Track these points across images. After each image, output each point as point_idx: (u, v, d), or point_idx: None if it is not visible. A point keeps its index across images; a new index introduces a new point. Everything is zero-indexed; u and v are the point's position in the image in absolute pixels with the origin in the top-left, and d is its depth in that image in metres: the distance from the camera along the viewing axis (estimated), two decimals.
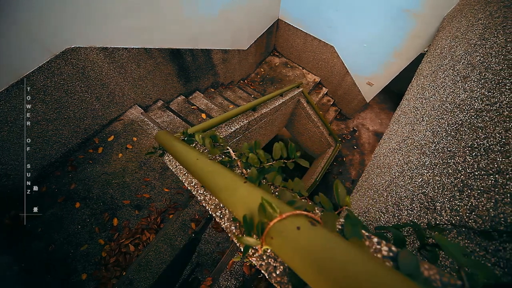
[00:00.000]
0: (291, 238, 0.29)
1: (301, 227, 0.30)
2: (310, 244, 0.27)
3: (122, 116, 2.67)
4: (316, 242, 0.27)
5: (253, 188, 0.42)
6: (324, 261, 0.25)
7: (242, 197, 0.40)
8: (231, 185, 0.44)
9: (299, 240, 0.28)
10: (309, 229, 0.29)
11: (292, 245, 0.29)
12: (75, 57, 1.89)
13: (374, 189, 1.58)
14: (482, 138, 0.95)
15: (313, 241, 0.27)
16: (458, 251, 0.30)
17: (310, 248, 0.27)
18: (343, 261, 0.24)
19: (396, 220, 1.17)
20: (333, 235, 0.28)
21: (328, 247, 0.26)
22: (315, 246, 0.27)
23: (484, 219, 0.73)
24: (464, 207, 0.81)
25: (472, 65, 1.48)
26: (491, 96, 1.09)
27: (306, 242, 0.28)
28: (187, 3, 2.55)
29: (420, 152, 1.33)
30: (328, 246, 0.26)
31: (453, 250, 0.30)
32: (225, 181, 0.46)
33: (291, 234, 0.29)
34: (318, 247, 0.27)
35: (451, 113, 1.32)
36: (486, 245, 0.67)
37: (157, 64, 2.68)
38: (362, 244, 0.36)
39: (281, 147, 0.64)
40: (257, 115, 2.26)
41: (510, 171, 0.74)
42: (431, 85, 1.87)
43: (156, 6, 2.25)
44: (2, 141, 1.73)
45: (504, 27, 1.40)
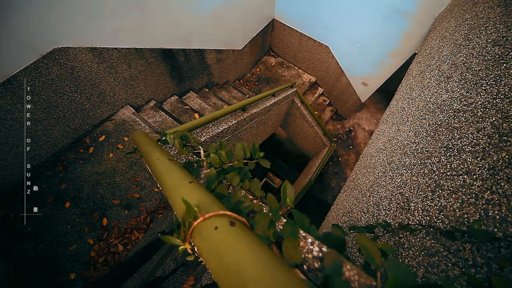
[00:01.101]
0: (207, 238, 0.29)
1: (219, 227, 0.30)
2: (221, 244, 0.28)
3: (113, 116, 2.67)
4: (227, 242, 0.28)
5: (195, 188, 0.42)
6: (229, 264, 0.25)
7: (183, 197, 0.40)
8: (176, 184, 0.45)
9: (213, 239, 0.29)
10: (226, 229, 0.30)
11: (207, 245, 0.29)
12: (63, 57, 1.89)
13: (358, 189, 1.58)
14: (457, 139, 0.95)
15: (224, 241, 0.28)
16: (376, 252, 0.30)
17: (219, 248, 0.27)
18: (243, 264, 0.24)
19: (374, 220, 1.18)
20: (245, 236, 0.29)
21: (233, 249, 0.26)
22: (225, 246, 0.27)
23: (450, 219, 0.73)
24: (434, 207, 0.82)
25: (455, 65, 1.48)
26: (469, 97, 1.09)
27: (217, 242, 0.28)
28: (178, 2, 2.56)
29: (402, 153, 1.33)
30: (234, 247, 0.27)
31: (371, 251, 0.30)
32: (173, 181, 0.47)
33: (208, 234, 0.30)
34: (227, 247, 0.27)
35: (432, 114, 1.32)
36: (449, 245, 0.68)
37: (149, 64, 2.68)
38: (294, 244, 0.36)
39: (244, 148, 0.64)
40: (247, 115, 2.26)
41: (477, 171, 0.75)
42: (418, 85, 1.87)
43: (145, 5, 2.25)
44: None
45: (486, 28, 1.41)
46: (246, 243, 0.27)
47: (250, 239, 0.28)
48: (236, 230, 0.30)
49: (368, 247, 0.30)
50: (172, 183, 0.46)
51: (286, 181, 0.48)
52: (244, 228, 0.31)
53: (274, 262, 0.24)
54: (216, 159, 0.63)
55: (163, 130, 1.03)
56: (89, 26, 1.95)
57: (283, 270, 0.23)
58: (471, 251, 0.62)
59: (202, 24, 3.09)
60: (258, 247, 0.27)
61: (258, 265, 0.24)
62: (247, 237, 0.29)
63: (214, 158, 0.63)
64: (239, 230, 0.30)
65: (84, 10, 1.85)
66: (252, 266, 0.23)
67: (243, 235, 0.29)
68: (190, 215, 0.32)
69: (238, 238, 0.28)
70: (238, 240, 0.28)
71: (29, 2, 1.55)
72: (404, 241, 0.84)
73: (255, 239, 0.29)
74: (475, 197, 0.70)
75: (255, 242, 0.28)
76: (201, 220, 0.32)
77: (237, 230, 0.30)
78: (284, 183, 0.48)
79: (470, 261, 0.61)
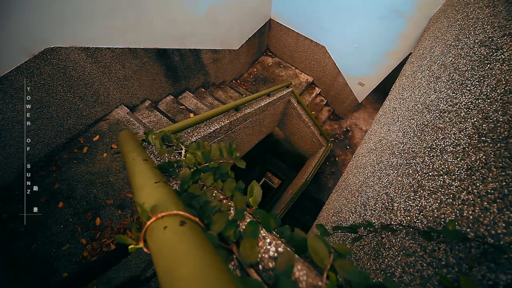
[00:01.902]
0: (156, 238, 0.30)
1: (168, 227, 0.30)
2: (165, 244, 0.28)
3: (108, 116, 2.67)
4: (171, 242, 0.28)
5: (159, 188, 0.42)
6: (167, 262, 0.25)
7: (146, 197, 0.41)
8: (142, 184, 0.45)
9: (161, 239, 0.29)
10: (174, 229, 0.30)
11: (154, 244, 0.29)
12: (55, 57, 1.89)
13: (349, 189, 1.58)
14: (441, 139, 0.96)
15: (169, 241, 0.28)
16: (325, 253, 0.31)
17: (163, 248, 0.27)
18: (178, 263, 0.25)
19: (361, 220, 1.18)
20: (190, 236, 0.29)
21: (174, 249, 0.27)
22: (168, 246, 0.28)
23: (429, 219, 0.73)
24: (415, 207, 0.82)
25: (444, 65, 1.48)
26: (454, 97, 1.09)
27: (164, 241, 0.28)
28: (172, 2, 2.56)
29: (391, 153, 1.33)
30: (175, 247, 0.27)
31: (320, 252, 0.31)
32: (140, 181, 0.47)
33: (157, 234, 0.30)
34: (170, 247, 0.27)
35: (420, 114, 1.32)
36: (425, 246, 0.68)
37: (143, 64, 2.68)
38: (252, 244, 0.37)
39: (219, 148, 0.64)
40: (240, 115, 2.27)
41: (456, 171, 0.75)
42: (410, 86, 1.87)
43: (139, 6, 2.25)
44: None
45: (475, 28, 1.41)
46: (188, 242, 0.27)
47: (194, 239, 0.28)
48: (183, 230, 0.30)
49: (317, 247, 0.30)
50: (140, 183, 0.47)
51: (253, 182, 0.48)
52: (194, 228, 0.31)
53: (209, 262, 0.24)
54: (192, 159, 0.63)
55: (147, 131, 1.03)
56: (82, 26, 1.95)
57: (215, 269, 0.23)
58: (444, 251, 0.62)
59: (197, 23, 3.09)
60: (198, 247, 0.27)
61: (191, 264, 0.24)
62: (191, 237, 0.29)
63: (190, 158, 0.63)
64: (186, 230, 0.30)
65: (76, 10, 1.85)
66: (186, 265, 0.24)
67: (189, 235, 0.29)
68: (144, 215, 0.33)
69: (182, 238, 0.28)
70: (181, 240, 0.28)
71: (20, 2, 1.55)
72: (385, 241, 0.85)
73: (200, 239, 0.29)
74: (453, 197, 0.70)
75: (199, 242, 0.28)
76: (153, 220, 0.33)
77: (184, 230, 0.30)
78: (252, 183, 0.48)
79: (443, 261, 0.61)
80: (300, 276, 0.31)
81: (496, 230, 0.54)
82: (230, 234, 0.40)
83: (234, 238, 0.40)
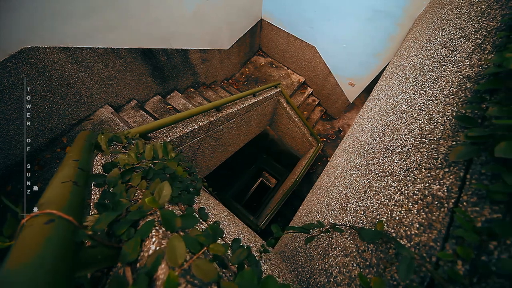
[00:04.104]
0: (22, 235, 0.31)
1: (33, 225, 0.31)
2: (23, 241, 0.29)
3: (92, 116, 2.67)
4: (27, 239, 0.29)
5: (61, 188, 0.43)
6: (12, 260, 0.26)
7: (46, 195, 0.42)
8: (51, 183, 0.46)
9: (24, 237, 0.30)
10: (36, 227, 0.31)
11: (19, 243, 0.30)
12: (33, 57, 1.90)
13: (321, 189, 1.59)
14: (394, 140, 0.97)
15: (26, 238, 0.29)
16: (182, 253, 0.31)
17: (19, 246, 0.28)
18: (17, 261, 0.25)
19: (324, 220, 1.19)
20: (48, 233, 0.30)
21: (23, 245, 0.27)
22: (21, 243, 0.28)
23: (368, 219, 0.74)
24: (362, 207, 0.82)
25: (414, 66, 1.49)
26: (413, 98, 1.10)
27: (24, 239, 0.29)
28: (156, 2, 2.56)
29: (358, 153, 1.34)
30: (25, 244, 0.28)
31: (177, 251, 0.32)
32: (53, 180, 0.48)
33: (24, 231, 0.31)
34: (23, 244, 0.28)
35: (387, 114, 1.33)
36: (358, 246, 0.69)
37: (127, 64, 2.69)
38: (135, 244, 0.37)
39: (151, 148, 0.65)
40: (221, 115, 2.27)
41: (398, 172, 0.76)
42: (386, 86, 1.88)
43: (121, 5, 2.25)
44: None
45: (443, 29, 1.42)
46: (37, 240, 0.28)
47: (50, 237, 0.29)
48: (43, 228, 0.31)
49: (175, 246, 0.31)
50: (52, 182, 0.47)
51: (164, 182, 0.49)
52: (61, 226, 0.32)
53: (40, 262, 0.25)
54: (125, 159, 0.64)
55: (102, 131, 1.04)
56: (61, 26, 1.95)
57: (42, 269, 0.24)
58: (371, 252, 0.62)
59: (184, 23, 3.09)
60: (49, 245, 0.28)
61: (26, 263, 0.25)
62: (50, 235, 0.29)
63: (122, 159, 0.64)
64: (48, 228, 0.31)
65: (55, 10, 1.86)
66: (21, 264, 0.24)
67: (47, 232, 0.30)
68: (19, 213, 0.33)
69: (38, 235, 0.29)
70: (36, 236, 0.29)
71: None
72: (334, 241, 0.85)
73: (59, 237, 0.30)
74: (389, 198, 0.71)
75: (53, 239, 0.29)
76: (27, 218, 0.33)
77: (44, 228, 0.31)
78: (163, 183, 0.49)
79: (368, 261, 0.62)
80: (160, 274, 0.32)
81: (411, 231, 0.55)
82: (121, 233, 0.40)
83: (126, 237, 0.41)
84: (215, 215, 1.04)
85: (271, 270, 0.84)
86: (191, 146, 2.06)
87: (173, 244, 0.32)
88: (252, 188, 10.68)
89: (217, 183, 6.56)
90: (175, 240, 0.32)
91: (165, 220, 0.45)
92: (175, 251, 0.31)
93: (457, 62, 0.90)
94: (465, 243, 0.40)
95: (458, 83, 0.79)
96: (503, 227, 0.35)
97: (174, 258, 0.30)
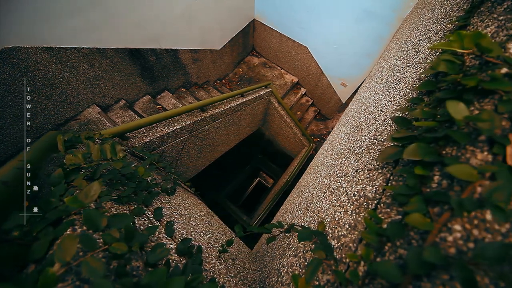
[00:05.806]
0: None
1: None
2: None
3: (78, 116, 2.68)
4: None
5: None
6: None
7: None
8: None
9: None
10: None
11: None
12: (15, 57, 1.90)
13: (298, 190, 1.60)
14: (357, 141, 0.97)
15: None
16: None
17: None
18: None
19: (290, 220, 1.19)
20: None
21: None
22: None
23: (319, 220, 0.75)
24: (318, 208, 0.83)
25: (389, 67, 1.50)
26: (380, 99, 1.11)
27: None
28: (143, 2, 2.56)
29: (331, 154, 1.35)
30: None
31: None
32: None
33: None
34: None
35: (359, 115, 1.34)
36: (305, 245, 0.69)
37: (114, 64, 2.69)
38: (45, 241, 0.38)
39: (98, 149, 0.66)
40: (206, 115, 2.28)
41: (350, 173, 0.76)
42: (367, 87, 1.89)
43: (106, 5, 2.26)
44: None
45: (418, 31, 1.43)
46: None
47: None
48: None
49: (66, 244, 0.32)
50: None
51: (95, 182, 0.49)
52: None
53: None
54: (72, 159, 0.64)
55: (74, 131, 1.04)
56: (43, 26, 1.96)
57: None
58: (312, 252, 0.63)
59: (173, 23, 3.10)
60: None
61: None
62: None
63: (69, 159, 0.64)
64: None
65: (36, 10, 1.86)
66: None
67: None
68: None
69: None
70: None
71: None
72: (291, 241, 0.86)
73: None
74: (337, 199, 0.71)
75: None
76: None
77: None
78: (93, 183, 0.50)
79: (307, 261, 0.63)
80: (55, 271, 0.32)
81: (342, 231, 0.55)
82: (37, 231, 0.41)
83: (42, 236, 0.41)
84: (183, 215, 1.05)
85: (226, 270, 0.84)
86: (174, 146, 2.07)
87: (64, 242, 0.33)
88: (249, 188, 10.68)
89: (211, 183, 6.56)
90: (67, 239, 0.33)
91: (88, 220, 0.46)
92: (65, 249, 0.32)
93: (416, 64, 0.91)
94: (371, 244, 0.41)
95: (412, 85, 0.80)
96: (392, 229, 0.36)
97: (63, 255, 0.31)
